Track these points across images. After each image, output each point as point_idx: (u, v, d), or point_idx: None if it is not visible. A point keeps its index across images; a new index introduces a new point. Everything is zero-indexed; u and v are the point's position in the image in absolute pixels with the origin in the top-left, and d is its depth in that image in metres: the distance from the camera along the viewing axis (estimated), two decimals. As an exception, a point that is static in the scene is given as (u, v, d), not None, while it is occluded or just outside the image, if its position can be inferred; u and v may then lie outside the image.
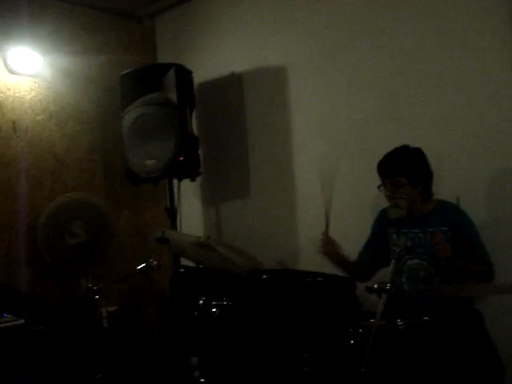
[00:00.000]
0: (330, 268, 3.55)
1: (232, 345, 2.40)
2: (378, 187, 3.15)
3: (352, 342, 2.41)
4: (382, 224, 3.25)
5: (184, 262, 3.87)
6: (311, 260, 3.91)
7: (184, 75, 4.20)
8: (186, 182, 4.28)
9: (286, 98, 4.14)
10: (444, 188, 3.31)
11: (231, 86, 4.43)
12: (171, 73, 4.12)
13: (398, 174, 3.08)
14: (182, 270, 2.89)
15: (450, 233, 3.05)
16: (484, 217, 3.27)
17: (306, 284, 2.31)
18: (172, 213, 4.30)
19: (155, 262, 3.23)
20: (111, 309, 4.40)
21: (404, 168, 3.09)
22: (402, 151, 3.15)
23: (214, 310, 2.47)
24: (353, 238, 3.57)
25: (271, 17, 4.20)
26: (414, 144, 3.22)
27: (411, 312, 2.65)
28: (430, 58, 3.58)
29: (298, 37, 4.07)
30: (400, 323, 2.37)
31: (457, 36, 3.48)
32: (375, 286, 2.22)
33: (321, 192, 3.39)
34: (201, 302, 2.48)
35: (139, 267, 3.25)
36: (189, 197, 4.49)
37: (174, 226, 4.27)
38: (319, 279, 2.35)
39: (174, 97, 4.08)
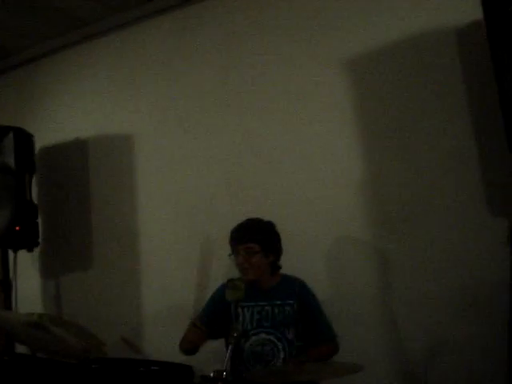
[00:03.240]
0: (174, 345, 3.49)
1: None
2: (229, 255, 3.11)
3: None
4: (234, 314, 3.07)
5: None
6: (156, 333, 3.80)
7: (24, 139, 3.99)
8: (22, 253, 3.98)
9: (132, 166, 4.05)
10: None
11: (75, 152, 4.26)
12: (10, 136, 3.90)
13: (251, 241, 3.08)
14: (5, 358, 2.61)
15: (295, 306, 3.07)
16: (326, 289, 3.34)
17: (139, 374, 2.17)
18: (6, 286, 3.98)
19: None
20: None
21: (258, 235, 3.10)
22: (255, 220, 3.18)
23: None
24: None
25: (118, 85, 4.14)
26: (260, 214, 3.25)
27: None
28: (273, 131, 3.69)
29: (146, 106, 4.05)
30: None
31: (299, 110, 3.63)
32: (211, 374, 2.12)
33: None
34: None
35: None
36: (26, 269, 4.18)
37: (8, 300, 3.94)
38: (153, 368, 2.22)
39: (11, 161, 3.86)
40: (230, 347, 2.23)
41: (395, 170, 3.46)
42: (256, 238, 3.10)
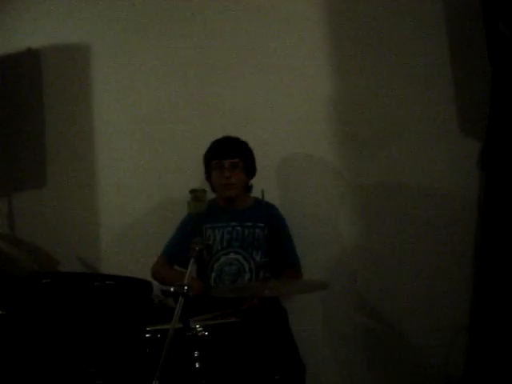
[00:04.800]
0: (134, 265, 3.39)
1: (7, 361, 2.05)
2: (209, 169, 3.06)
3: (148, 349, 2.20)
4: (197, 226, 3.03)
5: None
6: (115, 254, 3.69)
7: (-30, 48, 3.70)
8: (-28, 170, 3.76)
9: (88, 79, 3.79)
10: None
11: (27, 63, 3.96)
12: (-46, 45, 3.61)
13: (238, 156, 3.05)
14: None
15: (266, 229, 3.07)
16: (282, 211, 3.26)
17: (94, 288, 2.04)
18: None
19: None
20: None
21: (243, 151, 3.11)
22: (236, 138, 3.14)
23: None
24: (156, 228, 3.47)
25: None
26: (225, 132, 3.19)
27: (217, 311, 2.54)
28: (241, 45, 3.52)
29: (103, 14, 3.77)
30: (199, 328, 2.19)
31: (270, 22, 3.48)
32: (171, 289, 2.02)
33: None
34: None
35: None
36: (-25, 188, 3.95)
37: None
38: (109, 282, 2.10)
39: (-44, 73, 3.58)
40: (191, 260, 2.12)
41: (366, 87, 3.35)
42: (241, 154, 3.08)
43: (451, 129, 3.18)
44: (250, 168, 3.11)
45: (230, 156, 3.03)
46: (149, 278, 3.03)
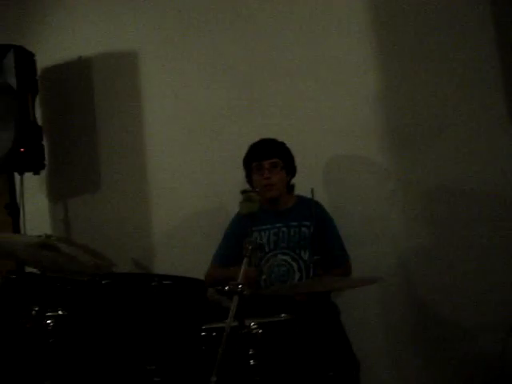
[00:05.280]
0: (187, 265, 3.45)
1: (70, 360, 2.14)
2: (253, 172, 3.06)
3: (204, 347, 2.25)
4: (241, 223, 3.01)
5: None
6: (167, 255, 3.76)
7: (25, 58, 3.81)
8: (29, 176, 3.88)
9: (137, 84, 3.89)
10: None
11: (79, 71, 4.09)
12: (10, 55, 3.72)
13: (276, 156, 3.07)
14: (12, 277, 2.56)
15: (312, 228, 3.04)
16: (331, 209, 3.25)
17: (151, 288, 2.10)
18: (14, 210, 3.90)
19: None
20: None
21: (282, 151, 3.11)
22: (274, 139, 3.14)
23: (49, 321, 2.18)
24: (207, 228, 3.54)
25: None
26: (273, 132, 3.21)
27: (269, 311, 2.55)
28: (287, 47, 3.54)
29: (150, 21, 3.87)
30: (253, 325, 2.22)
31: (314, 22, 3.48)
32: (226, 287, 2.06)
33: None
34: (33, 312, 2.19)
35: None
36: (33, 192, 4.08)
37: (16, 224, 3.87)
38: (165, 282, 2.16)
39: (13, 81, 3.70)
40: (244, 260, 2.16)
41: (414, 85, 3.33)
42: (281, 154, 3.08)
43: (499, 125, 3.14)
44: (289, 167, 3.12)
45: (268, 156, 3.06)
46: (202, 277, 3.09)
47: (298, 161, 3.22)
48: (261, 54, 3.60)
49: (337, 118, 3.44)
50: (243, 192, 2.34)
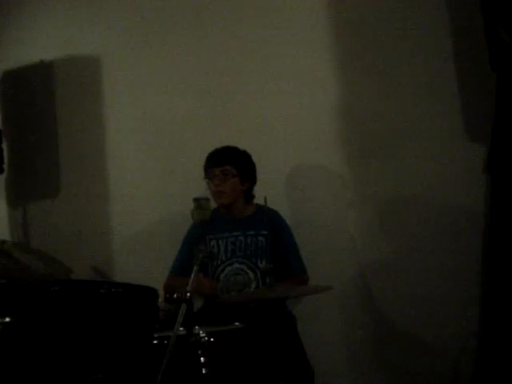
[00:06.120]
0: (147, 272, 3.43)
1: (16, 367, 2.10)
2: (206, 179, 3.07)
3: (155, 355, 2.23)
4: (200, 234, 3.03)
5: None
6: (127, 262, 3.74)
7: (-16, 61, 3.77)
8: (-14, 180, 3.83)
9: (99, 90, 3.86)
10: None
11: (40, 75, 4.04)
12: (-32, 60, 3.69)
13: (229, 163, 3.05)
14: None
15: (269, 237, 3.05)
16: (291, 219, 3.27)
17: (100, 296, 2.09)
18: (-29, 214, 3.84)
19: None
20: None
21: (235, 159, 3.08)
22: (233, 147, 3.14)
23: (-4, 328, 2.15)
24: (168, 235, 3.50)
25: (83, 4, 3.90)
26: (232, 141, 3.21)
27: (223, 319, 2.56)
28: (249, 57, 3.56)
29: (113, 27, 3.84)
30: (202, 334, 2.22)
31: (276, 32, 3.52)
32: (175, 295, 2.05)
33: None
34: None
35: None
36: (-10, 196, 4.02)
37: (-28, 229, 3.81)
38: (115, 289, 2.14)
39: (-29, 85, 3.66)
40: (194, 268, 2.15)
41: (372, 95, 3.38)
42: (234, 161, 3.06)
43: (457, 137, 3.20)
44: (244, 175, 3.08)
45: (219, 164, 3.05)
46: (160, 285, 3.08)
47: (258, 170, 3.22)
48: (223, 64, 3.60)
49: (298, 129, 3.47)
50: (195, 200, 2.34)
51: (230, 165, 3.04)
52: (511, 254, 2.90)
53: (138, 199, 3.74)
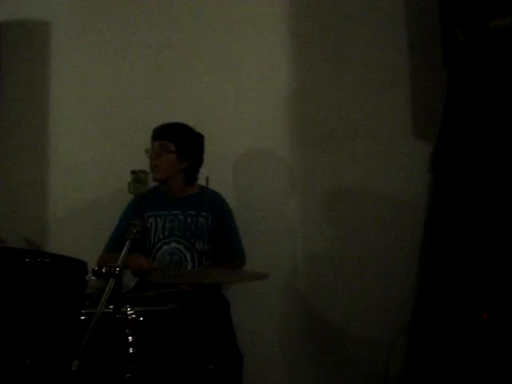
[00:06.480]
0: (82, 247, 3.34)
1: None
2: (146, 150, 2.99)
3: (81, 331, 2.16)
4: (137, 209, 2.99)
5: None
6: (63, 236, 3.63)
7: None
8: None
9: (46, 56, 3.69)
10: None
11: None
12: None
13: (167, 138, 2.98)
14: None
15: (210, 218, 3.01)
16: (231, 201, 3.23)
17: (26, 264, 2.00)
18: None
19: None
20: None
21: (175, 135, 3.01)
22: (180, 123, 3.07)
23: None
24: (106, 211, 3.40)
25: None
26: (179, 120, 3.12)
27: (155, 299, 2.51)
28: (203, 39, 3.50)
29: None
30: (130, 311, 2.16)
31: (229, 16, 3.49)
32: (103, 269, 1.98)
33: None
34: None
35: None
36: None
37: None
38: (41, 259, 2.05)
39: None
40: (127, 243, 2.09)
41: (324, 86, 3.38)
42: (173, 138, 2.98)
43: (406, 133, 3.23)
44: (183, 153, 3.00)
45: (158, 138, 3.00)
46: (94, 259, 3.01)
47: (206, 152, 3.16)
48: (177, 41, 3.53)
49: (248, 113, 3.46)
50: (132, 172, 2.28)
51: (169, 140, 2.98)
52: (447, 252, 2.94)
53: (80, 171, 3.61)
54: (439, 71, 2.97)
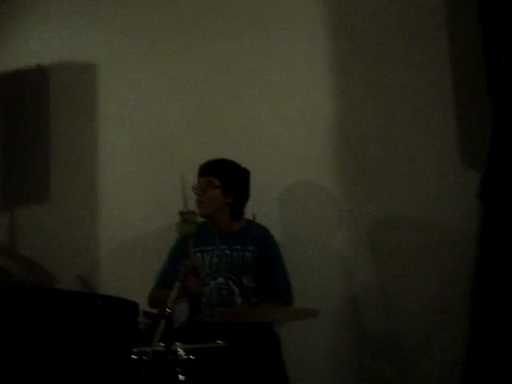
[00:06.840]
0: (133, 283, 3.38)
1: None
2: (192, 187, 3.04)
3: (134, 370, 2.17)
4: (182, 245, 2.94)
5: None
6: (113, 273, 3.68)
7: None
8: (-24, 183, 3.78)
9: (94, 97, 3.82)
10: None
11: (36, 80, 4.00)
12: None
13: (213, 174, 3.03)
14: None
15: (256, 253, 3.00)
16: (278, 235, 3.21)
17: (77, 307, 2.03)
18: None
19: None
20: None
21: (220, 171, 3.06)
22: (225, 159, 3.12)
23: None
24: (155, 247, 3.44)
25: (81, 10, 3.88)
26: (225, 153, 3.17)
27: (205, 336, 2.49)
28: (246, 71, 3.54)
29: (110, 33, 3.82)
30: (181, 351, 2.17)
31: (271, 46, 3.52)
32: (154, 311, 2.00)
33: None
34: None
35: None
36: (-22, 200, 3.97)
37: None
38: (93, 301, 2.08)
39: (-36, 87, 3.62)
40: (176, 283, 2.10)
41: (368, 114, 3.35)
42: (218, 173, 3.03)
43: (453, 161, 3.17)
44: (228, 188, 3.04)
45: (204, 174, 3.06)
46: (146, 296, 3.04)
47: (251, 187, 3.17)
48: (220, 76, 3.59)
49: (292, 145, 3.45)
50: (181, 213, 2.30)
51: (215, 176, 3.03)
52: (499, 281, 2.85)
53: (128, 209, 3.69)
54: (485, 97, 2.91)
